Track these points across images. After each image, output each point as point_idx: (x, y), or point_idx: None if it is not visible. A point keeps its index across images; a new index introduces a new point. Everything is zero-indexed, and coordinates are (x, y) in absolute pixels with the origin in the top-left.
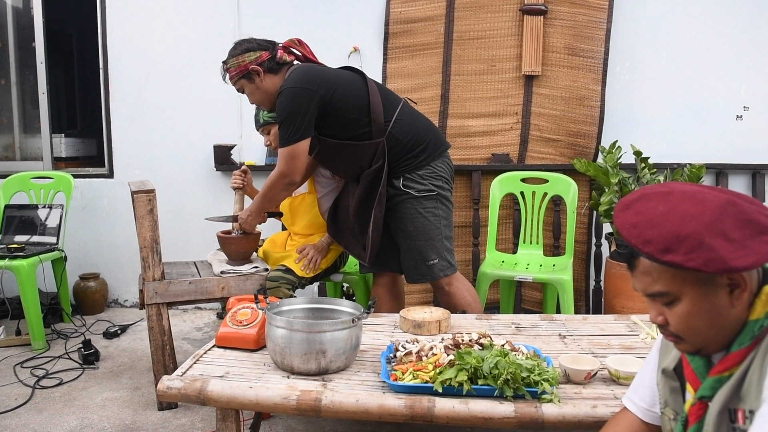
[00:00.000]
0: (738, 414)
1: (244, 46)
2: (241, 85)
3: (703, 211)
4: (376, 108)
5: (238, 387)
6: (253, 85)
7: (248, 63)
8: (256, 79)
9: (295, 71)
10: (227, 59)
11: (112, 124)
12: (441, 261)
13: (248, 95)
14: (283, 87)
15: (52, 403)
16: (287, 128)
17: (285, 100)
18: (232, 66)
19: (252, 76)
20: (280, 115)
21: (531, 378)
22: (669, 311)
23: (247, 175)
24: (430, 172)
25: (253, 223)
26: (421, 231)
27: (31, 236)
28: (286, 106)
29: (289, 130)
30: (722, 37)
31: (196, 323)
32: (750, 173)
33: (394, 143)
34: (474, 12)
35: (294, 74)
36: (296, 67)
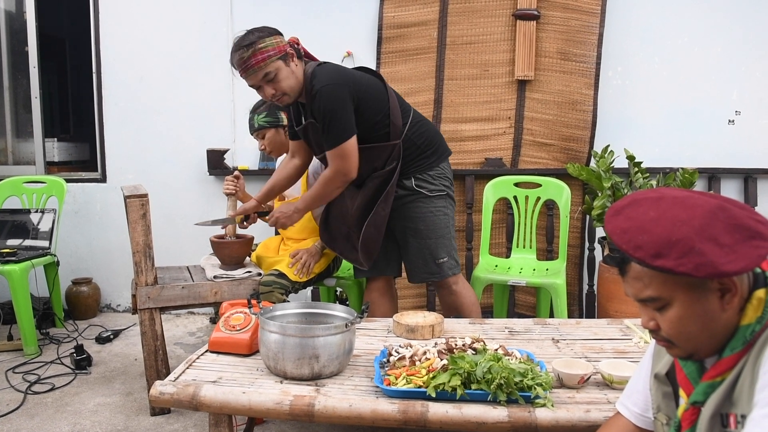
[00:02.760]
0: (730, 419)
1: (269, 30)
2: (276, 68)
3: (694, 216)
4: (395, 110)
5: (230, 392)
6: (288, 69)
7: (284, 45)
8: (291, 63)
9: (323, 69)
10: (254, 41)
11: (105, 129)
12: (450, 259)
13: (278, 81)
14: (318, 86)
15: (44, 409)
16: (334, 128)
17: (326, 100)
18: (270, 45)
19: (287, 59)
20: (325, 116)
21: (524, 382)
22: (660, 316)
23: (240, 181)
24: (440, 173)
25: (295, 220)
26: (433, 229)
27: (24, 241)
28: (329, 106)
29: (336, 129)
30: (714, 41)
31: (189, 328)
32: (742, 177)
33: (409, 145)
34: (467, 17)
35: (323, 72)
36: (318, 65)
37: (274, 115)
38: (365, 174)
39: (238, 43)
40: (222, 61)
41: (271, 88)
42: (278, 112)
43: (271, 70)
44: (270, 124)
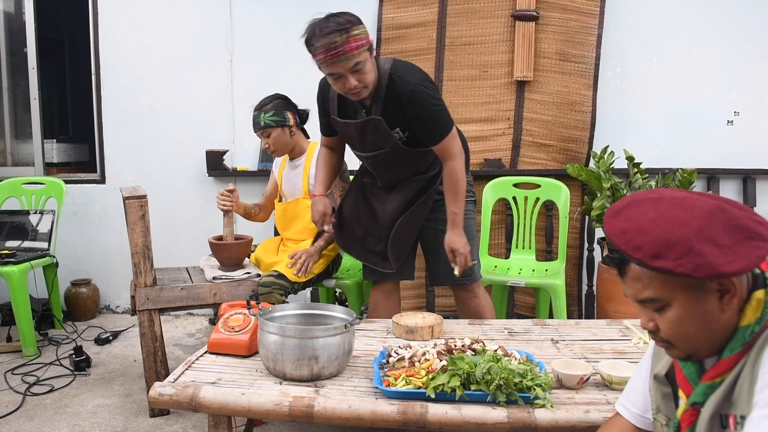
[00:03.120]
0: (729, 420)
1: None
2: (365, 58)
3: (693, 216)
4: None
5: (230, 393)
6: (372, 62)
7: (369, 35)
8: (372, 56)
9: (405, 65)
10: (349, 27)
11: (104, 130)
12: (478, 263)
13: (364, 72)
14: (414, 82)
15: (43, 410)
16: (443, 117)
17: (428, 94)
18: (362, 34)
19: (372, 50)
20: (432, 108)
21: (523, 383)
22: (660, 317)
23: (235, 193)
24: (469, 178)
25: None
26: (466, 232)
27: (23, 242)
28: (434, 99)
29: (446, 117)
30: (713, 42)
31: (188, 329)
32: (741, 178)
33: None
34: (466, 18)
35: (409, 68)
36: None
37: (281, 114)
38: (404, 177)
39: (325, 27)
40: (221, 62)
41: (355, 79)
42: (285, 111)
43: (362, 60)
44: (277, 124)
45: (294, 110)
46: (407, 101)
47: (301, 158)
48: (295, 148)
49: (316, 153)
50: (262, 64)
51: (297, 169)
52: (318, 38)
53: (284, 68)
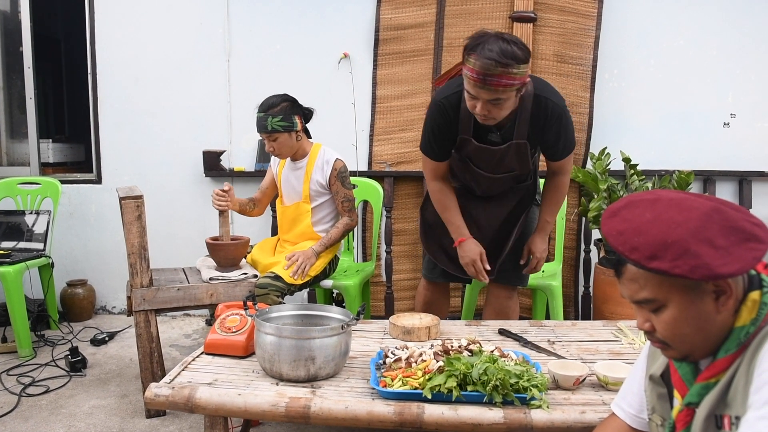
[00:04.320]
0: (724, 420)
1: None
2: (508, 97)
3: (689, 218)
4: None
5: (226, 394)
6: (515, 99)
7: (527, 75)
8: (519, 93)
9: (545, 84)
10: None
11: (101, 130)
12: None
13: (501, 108)
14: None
15: (38, 411)
16: (573, 134)
17: (566, 115)
18: (520, 74)
19: (522, 89)
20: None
21: (520, 384)
22: (656, 318)
23: (230, 192)
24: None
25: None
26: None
27: (18, 242)
28: (568, 120)
29: (574, 135)
30: (710, 45)
31: (184, 330)
32: (737, 180)
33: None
34: (464, 19)
35: (549, 88)
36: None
37: (290, 119)
38: (506, 186)
39: (489, 50)
40: (218, 62)
41: (487, 109)
42: (293, 116)
43: (504, 98)
44: (284, 129)
45: (300, 113)
46: (553, 122)
47: (303, 160)
48: (298, 151)
49: (319, 155)
50: (260, 64)
51: (299, 172)
52: (477, 56)
53: (282, 68)
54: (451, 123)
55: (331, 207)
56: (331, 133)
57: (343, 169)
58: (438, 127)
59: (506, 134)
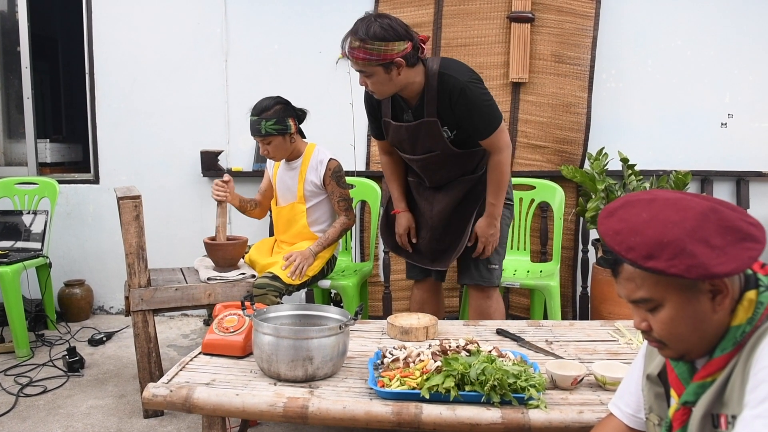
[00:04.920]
0: (721, 419)
1: (395, 32)
2: (372, 71)
3: (686, 218)
4: None
5: (224, 394)
6: (387, 76)
7: (395, 54)
8: (393, 71)
9: (451, 63)
10: (367, 39)
11: (98, 130)
12: (499, 268)
13: (371, 82)
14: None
15: (35, 412)
16: (492, 111)
17: (477, 91)
18: (376, 51)
19: (391, 68)
20: (481, 104)
21: (518, 384)
22: (652, 317)
23: (229, 184)
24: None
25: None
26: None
27: (16, 242)
28: (482, 95)
29: (494, 112)
30: (707, 45)
31: (182, 330)
32: (734, 180)
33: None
34: (461, 19)
35: (455, 66)
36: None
37: (283, 122)
38: (453, 177)
39: (356, 28)
40: (216, 62)
41: (363, 80)
42: (286, 118)
43: (367, 71)
44: (278, 132)
45: (294, 115)
46: (457, 98)
47: (297, 161)
48: (293, 151)
49: (313, 155)
50: (258, 64)
51: (293, 172)
52: (349, 32)
53: (279, 68)
54: (374, 106)
55: (326, 207)
56: (329, 133)
57: (337, 169)
58: (367, 108)
59: (417, 113)
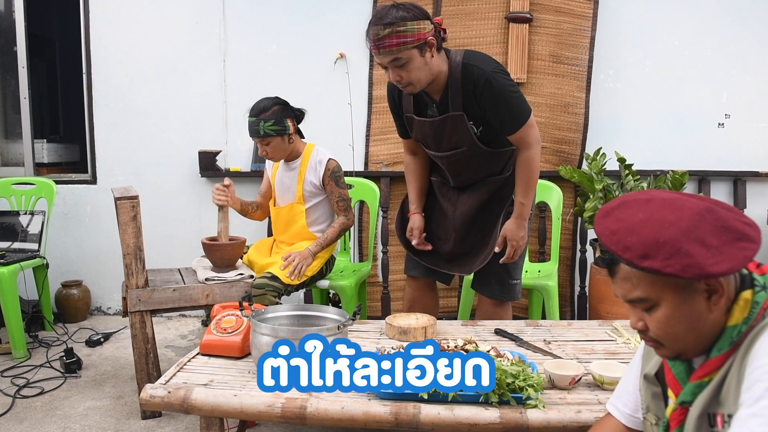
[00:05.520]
0: (717, 418)
1: (420, 11)
2: (409, 56)
3: (682, 217)
4: None
5: (222, 395)
6: (422, 60)
7: (427, 33)
8: (427, 54)
9: (476, 55)
10: (398, 21)
11: (96, 130)
12: (520, 282)
13: (407, 72)
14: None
15: (32, 413)
16: (520, 103)
17: (502, 82)
18: (411, 31)
19: (425, 49)
20: (507, 96)
21: (516, 384)
22: (649, 317)
23: (230, 188)
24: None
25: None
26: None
27: (12, 243)
28: (508, 87)
29: (522, 103)
30: (704, 45)
31: (180, 331)
32: (731, 180)
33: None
34: (460, 19)
35: (480, 58)
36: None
37: (282, 122)
38: (479, 177)
39: (379, 17)
40: (214, 62)
41: (397, 74)
42: (284, 119)
43: (403, 57)
44: (277, 133)
45: (292, 115)
46: (482, 90)
47: (296, 161)
48: (292, 152)
49: (312, 156)
50: (256, 65)
51: (292, 172)
52: (371, 26)
53: (278, 68)
54: (397, 103)
55: (325, 207)
56: (328, 133)
57: (336, 169)
58: (391, 106)
59: (442, 107)
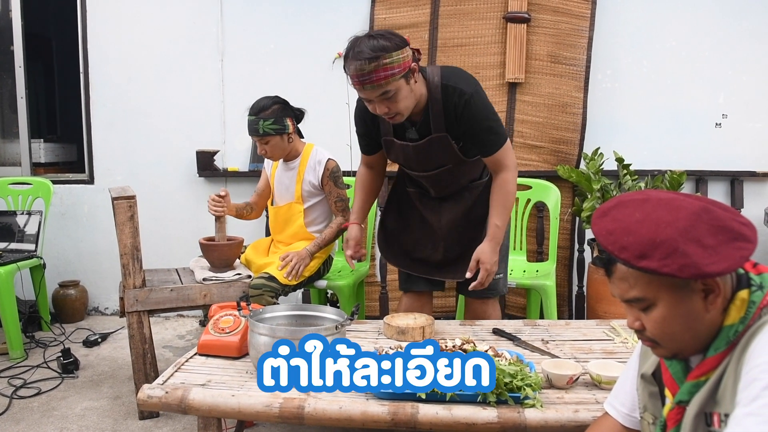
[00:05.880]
0: (714, 418)
1: (398, 38)
2: (397, 87)
3: (678, 217)
4: None
5: (220, 395)
6: (408, 88)
7: (410, 59)
8: (412, 80)
9: (454, 73)
10: (382, 54)
11: (93, 130)
12: (504, 277)
13: (396, 101)
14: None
15: (29, 414)
16: (498, 127)
17: (482, 104)
18: (396, 62)
19: (410, 76)
20: (487, 118)
21: (514, 383)
22: (645, 316)
23: (226, 198)
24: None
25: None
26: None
27: (9, 243)
28: (486, 109)
29: (500, 128)
30: (702, 46)
31: (178, 331)
32: (729, 180)
33: None
34: (458, 19)
35: (459, 76)
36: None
37: (281, 121)
38: (462, 185)
39: (358, 51)
40: (212, 62)
41: (385, 106)
42: (284, 118)
43: (391, 89)
44: (276, 132)
45: (292, 115)
46: (461, 111)
47: (296, 161)
48: (291, 151)
49: (311, 155)
50: (254, 64)
51: (291, 172)
52: (350, 61)
53: (276, 68)
54: (369, 126)
55: (323, 207)
56: (326, 132)
57: (335, 169)
58: (361, 129)
59: (422, 129)
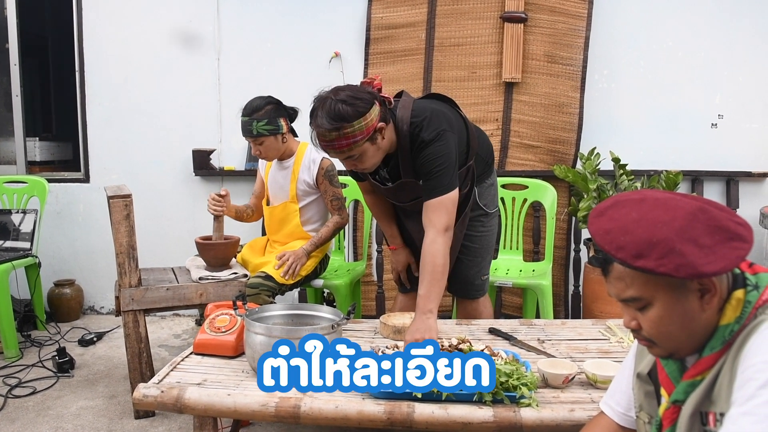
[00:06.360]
0: (709, 417)
1: (363, 101)
2: (361, 151)
3: (675, 217)
4: (472, 133)
5: (216, 394)
6: (374, 147)
7: (375, 122)
8: (378, 139)
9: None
10: (343, 123)
11: (88, 128)
12: (488, 276)
13: (362, 162)
14: (427, 138)
15: (24, 413)
16: (449, 174)
17: (443, 145)
18: (359, 129)
19: (376, 136)
20: (442, 161)
21: (510, 382)
22: (642, 316)
23: (226, 198)
24: (492, 182)
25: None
26: (485, 248)
27: (4, 242)
28: (446, 151)
29: (450, 176)
30: (698, 46)
31: (173, 330)
32: (724, 180)
33: (477, 160)
34: (455, 19)
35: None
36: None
37: (275, 122)
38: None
39: (320, 119)
40: (208, 60)
41: (351, 164)
42: (278, 118)
43: (355, 154)
44: (270, 132)
45: (285, 114)
46: (418, 153)
47: (290, 160)
48: (285, 151)
49: (305, 154)
50: (250, 63)
51: (286, 171)
52: (313, 123)
53: (272, 67)
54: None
55: (319, 206)
56: None
57: (330, 168)
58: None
59: (393, 171)
